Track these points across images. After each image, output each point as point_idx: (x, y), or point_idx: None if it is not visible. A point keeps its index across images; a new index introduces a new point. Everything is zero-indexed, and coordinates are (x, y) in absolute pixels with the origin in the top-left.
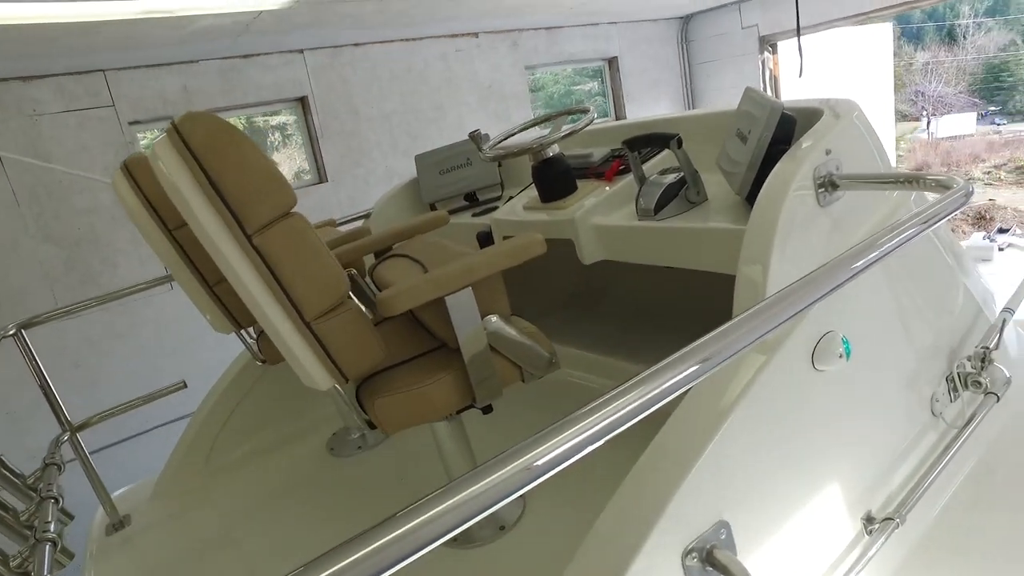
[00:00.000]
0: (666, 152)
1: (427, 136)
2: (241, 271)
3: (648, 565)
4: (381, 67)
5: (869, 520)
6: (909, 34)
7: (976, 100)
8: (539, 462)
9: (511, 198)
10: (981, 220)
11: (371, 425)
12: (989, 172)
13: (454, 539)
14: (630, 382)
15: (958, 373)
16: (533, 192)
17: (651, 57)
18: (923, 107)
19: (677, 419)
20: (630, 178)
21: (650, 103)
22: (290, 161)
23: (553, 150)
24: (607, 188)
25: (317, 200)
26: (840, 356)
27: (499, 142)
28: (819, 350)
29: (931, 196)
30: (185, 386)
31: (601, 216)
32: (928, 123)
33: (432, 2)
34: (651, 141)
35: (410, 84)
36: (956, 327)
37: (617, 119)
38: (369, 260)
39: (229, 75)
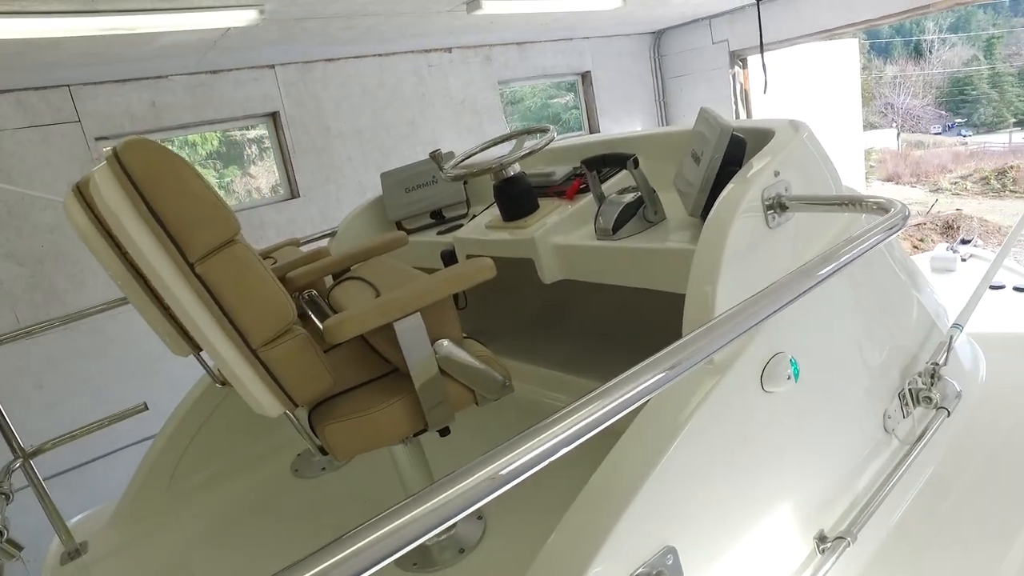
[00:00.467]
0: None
1: (400, 151)
2: (184, 300)
3: None
4: (353, 82)
5: (822, 539)
6: (878, 48)
7: (943, 112)
8: (476, 487)
9: (475, 216)
10: (949, 229)
11: (323, 451)
12: (956, 182)
13: (414, 563)
14: (560, 413)
15: (910, 389)
16: (496, 210)
17: (624, 71)
18: (893, 119)
19: (625, 443)
20: (591, 196)
21: (624, 117)
22: (268, 174)
23: (514, 169)
24: (568, 207)
25: (289, 216)
26: (788, 378)
27: (460, 161)
28: (768, 372)
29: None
30: (146, 408)
31: (561, 235)
32: (898, 135)
33: (402, 19)
34: (608, 161)
35: (382, 99)
36: (909, 344)
37: (591, 132)
38: (332, 280)
39: (198, 91)
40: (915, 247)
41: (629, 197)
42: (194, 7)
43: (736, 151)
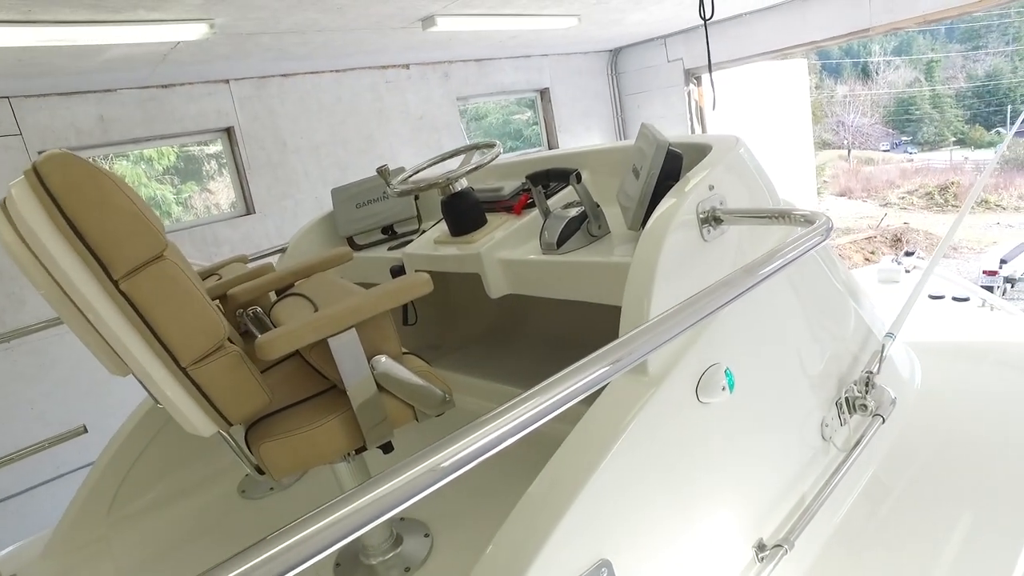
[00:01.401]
0: None
1: (357, 167)
2: (108, 318)
3: None
4: (309, 98)
5: (760, 547)
6: (830, 68)
7: (890, 131)
8: (406, 485)
9: (424, 232)
10: (898, 242)
11: (259, 470)
12: (903, 197)
13: None
14: (479, 420)
15: (846, 398)
16: (445, 226)
17: (582, 88)
18: (844, 136)
19: (561, 455)
20: (538, 211)
21: (582, 133)
22: (227, 190)
23: (461, 184)
24: (515, 222)
25: (244, 232)
26: (723, 389)
27: (408, 176)
28: (703, 383)
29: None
30: (85, 430)
31: (507, 250)
32: (849, 152)
33: (358, 35)
34: (552, 176)
35: (339, 115)
36: (846, 353)
37: (550, 148)
38: (276, 297)
39: (149, 105)
40: (867, 259)
41: (573, 212)
42: (141, 20)
43: (673, 165)
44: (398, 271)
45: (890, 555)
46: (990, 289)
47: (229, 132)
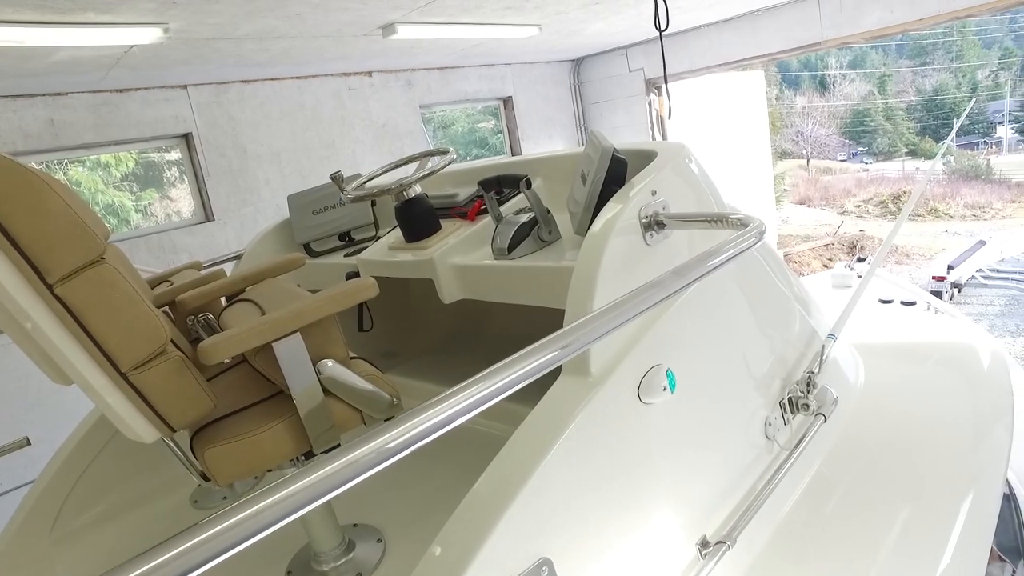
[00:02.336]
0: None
1: (319, 174)
2: (45, 324)
3: None
4: (270, 104)
5: (704, 544)
6: (789, 80)
7: (847, 141)
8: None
9: (380, 238)
10: (854, 249)
11: (205, 477)
12: (859, 205)
13: None
14: (415, 408)
15: (789, 398)
16: (400, 232)
17: (545, 97)
18: (803, 146)
19: (504, 455)
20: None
21: (545, 141)
22: (189, 198)
23: (415, 190)
24: (469, 228)
25: (203, 239)
26: (664, 389)
27: (363, 183)
28: (645, 383)
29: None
30: (28, 443)
31: (460, 255)
32: (808, 162)
33: (319, 42)
34: (502, 182)
35: (301, 122)
36: (790, 354)
37: (513, 155)
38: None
39: (102, 109)
40: (825, 265)
41: (524, 217)
42: (91, 23)
43: (618, 171)
44: (353, 277)
45: (833, 552)
46: (939, 294)
47: (187, 138)
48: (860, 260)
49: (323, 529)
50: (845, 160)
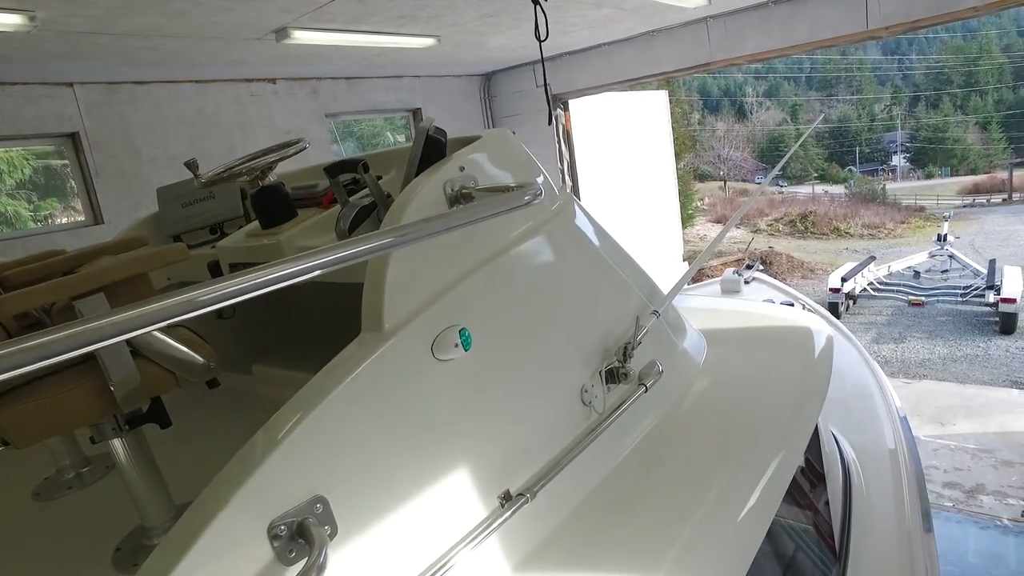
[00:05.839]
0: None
1: None
2: None
3: (224, 535)
4: (167, 107)
5: (506, 497)
6: (711, 105)
7: (764, 165)
8: None
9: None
10: (764, 264)
11: (4, 442)
12: (771, 224)
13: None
14: None
15: (608, 368)
16: None
17: (455, 110)
18: (720, 168)
19: (292, 402)
20: None
21: None
22: None
23: (271, 179)
24: (322, 214)
25: (91, 243)
26: (457, 346)
27: (221, 173)
28: (439, 341)
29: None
30: None
31: (307, 239)
32: (725, 183)
33: (210, 44)
34: (343, 167)
35: (199, 126)
36: (616, 329)
37: None
38: None
39: None
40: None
41: (366, 201)
42: None
43: (435, 150)
44: (214, 266)
45: (643, 513)
46: (836, 304)
47: (74, 138)
48: (748, 267)
49: (152, 505)
50: (761, 183)
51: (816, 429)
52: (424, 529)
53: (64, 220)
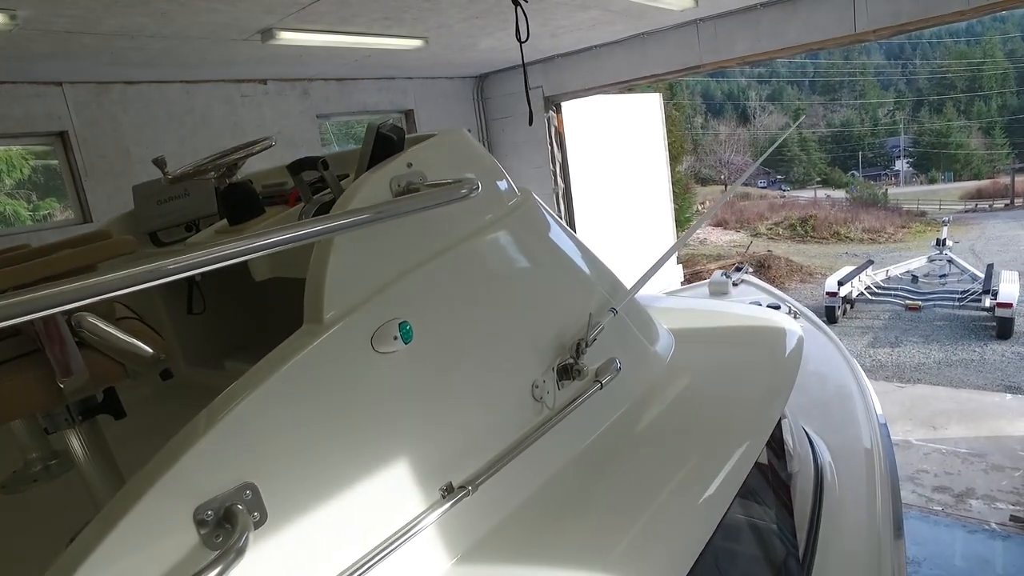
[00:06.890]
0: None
1: None
2: None
3: (147, 519)
4: (157, 107)
5: (448, 489)
6: (714, 109)
7: (767, 169)
8: None
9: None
10: (761, 267)
11: None
12: (771, 228)
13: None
14: None
15: (562, 364)
16: None
17: (448, 111)
18: (722, 172)
19: (230, 391)
20: None
21: None
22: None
23: (238, 176)
24: (288, 211)
25: None
26: (396, 339)
27: (188, 170)
28: (379, 334)
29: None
30: None
31: None
32: (726, 187)
33: (197, 44)
34: (304, 164)
35: (189, 126)
36: (572, 326)
37: None
38: None
39: None
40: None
41: (328, 198)
42: None
43: (387, 148)
44: None
45: (596, 507)
46: (832, 308)
47: (63, 137)
48: (737, 269)
49: (108, 496)
50: (765, 187)
51: (781, 427)
52: (359, 518)
53: (62, 220)
